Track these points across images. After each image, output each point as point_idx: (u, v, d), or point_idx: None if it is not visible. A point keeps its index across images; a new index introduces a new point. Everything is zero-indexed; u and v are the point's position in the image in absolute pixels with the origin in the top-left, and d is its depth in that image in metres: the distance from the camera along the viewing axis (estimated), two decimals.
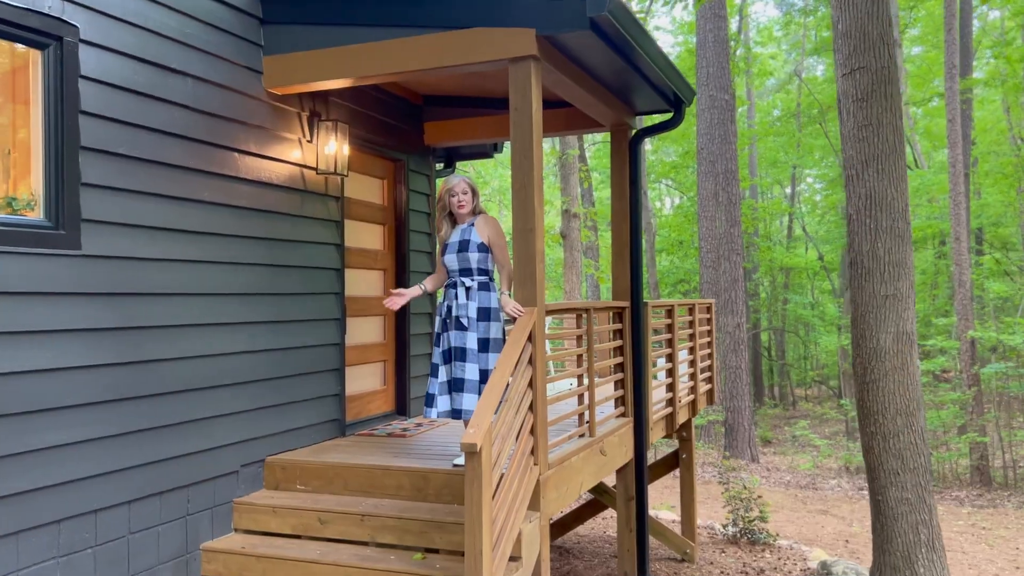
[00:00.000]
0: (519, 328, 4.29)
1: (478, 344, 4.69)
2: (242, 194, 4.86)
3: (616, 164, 6.28)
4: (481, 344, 4.70)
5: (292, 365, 5.25)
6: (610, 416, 5.82)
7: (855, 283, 5.67)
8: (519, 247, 4.45)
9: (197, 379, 4.51)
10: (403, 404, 6.61)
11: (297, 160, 5.34)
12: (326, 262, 5.58)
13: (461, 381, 4.65)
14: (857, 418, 5.87)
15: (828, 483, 15.87)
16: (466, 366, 4.65)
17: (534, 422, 4.40)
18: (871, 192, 5.50)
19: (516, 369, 4.18)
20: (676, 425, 7.19)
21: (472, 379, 4.64)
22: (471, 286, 4.74)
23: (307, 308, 5.39)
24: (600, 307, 5.60)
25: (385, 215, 6.56)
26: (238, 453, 4.81)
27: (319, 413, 5.51)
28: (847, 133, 5.66)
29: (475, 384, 4.65)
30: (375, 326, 6.42)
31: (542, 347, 4.48)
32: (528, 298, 4.43)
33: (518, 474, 4.16)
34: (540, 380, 4.45)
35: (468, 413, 4.62)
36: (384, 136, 6.36)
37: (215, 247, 4.65)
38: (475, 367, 4.66)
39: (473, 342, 4.68)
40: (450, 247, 4.83)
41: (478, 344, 4.69)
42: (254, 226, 4.95)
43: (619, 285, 6.28)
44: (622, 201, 6.24)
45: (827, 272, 30.39)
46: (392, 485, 4.69)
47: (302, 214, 5.36)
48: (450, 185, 4.83)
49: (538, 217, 4.45)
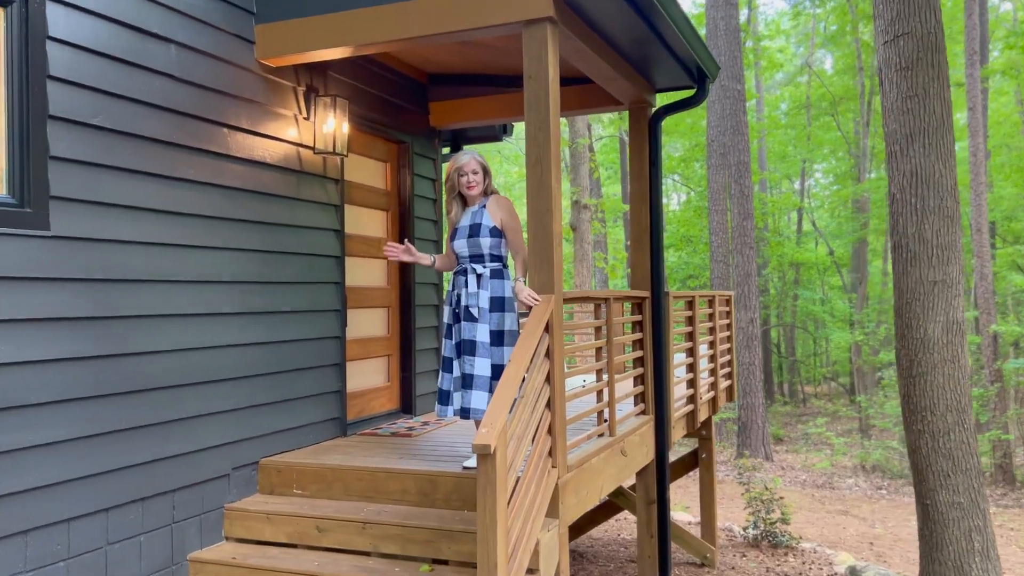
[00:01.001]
0: (535, 318, 3.89)
1: (491, 337, 4.31)
2: (233, 173, 4.47)
3: (635, 144, 5.88)
4: (494, 337, 4.31)
5: (288, 359, 4.86)
6: (630, 414, 5.43)
7: (899, 268, 5.24)
8: (534, 229, 4.05)
9: (184, 374, 4.13)
10: (408, 402, 6.22)
11: (293, 139, 4.95)
12: (325, 249, 5.19)
13: (470, 377, 4.25)
14: (902, 415, 5.44)
15: (845, 482, 15.46)
16: (476, 360, 4.25)
17: (552, 421, 4.01)
18: (917, 169, 5.07)
19: (532, 363, 3.78)
20: (697, 423, 6.79)
21: (482, 375, 4.24)
22: (483, 273, 4.35)
23: (304, 298, 5.00)
24: (620, 296, 5.20)
25: (388, 200, 6.17)
26: (229, 455, 4.43)
27: (318, 411, 5.12)
28: (889, 105, 5.23)
29: (485, 381, 4.25)
30: (378, 319, 6.03)
31: (560, 338, 4.09)
32: (545, 285, 4.03)
33: (535, 478, 3.77)
34: (558, 375, 4.05)
35: (478, 412, 4.22)
36: (387, 115, 5.97)
37: (203, 230, 4.27)
38: (486, 362, 4.26)
39: (484, 334, 4.29)
40: (460, 231, 4.44)
41: (491, 337, 4.31)
42: (246, 208, 4.56)
43: (638, 274, 5.87)
44: (641, 183, 5.83)
45: (838, 268, 29.94)
46: (396, 489, 4.30)
47: (298, 197, 4.97)
48: (459, 164, 4.43)
49: (555, 196, 4.05)
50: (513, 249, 4.41)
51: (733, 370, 8.56)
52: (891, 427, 18.98)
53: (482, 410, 4.22)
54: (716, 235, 17.32)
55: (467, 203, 4.51)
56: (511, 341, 4.31)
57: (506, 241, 4.41)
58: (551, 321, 3.99)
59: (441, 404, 4.42)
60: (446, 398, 4.41)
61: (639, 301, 5.69)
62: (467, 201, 4.51)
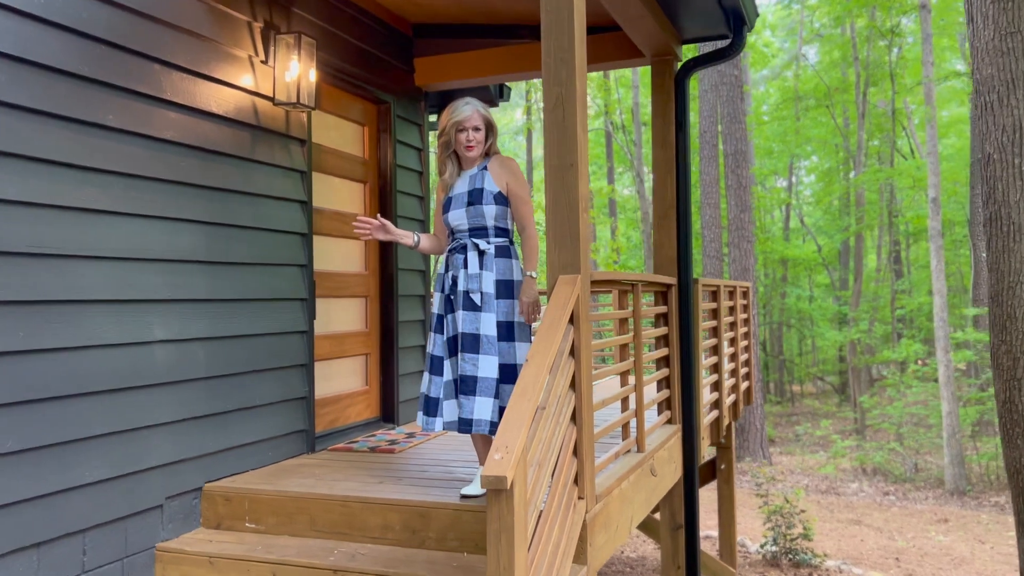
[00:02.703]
0: (557, 305, 2.98)
1: (498, 330, 3.39)
2: (167, 123, 3.52)
3: (658, 104, 4.98)
4: (502, 330, 3.40)
5: (241, 359, 3.92)
6: (656, 425, 4.52)
7: (998, 245, 4.34)
8: (554, 191, 3.13)
9: (103, 377, 3.18)
10: (390, 409, 5.28)
11: (247, 86, 4.01)
12: (287, 224, 4.25)
13: (472, 380, 3.33)
14: (999, 425, 4.52)
15: (849, 487, 14.68)
16: (479, 359, 3.33)
17: (578, 438, 3.10)
18: (1020, 123, 4.18)
19: (555, 363, 2.87)
20: (723, 432, 5.91)
21: (488, 377, 3.33)
22: (486, 250, 3.43)
23: (261, 283, 4.06)
24: (650, 281, 4.30)
25: (366, 171, 5.22)
26: (162, 480, 3.48)
27: (278, 423, 4.18)
28: (983, 46, 4.34)
29: (491, 384, 3.33)
30: (354, 310, 5.09)
31: (588, 332, 3.17)
32: (568, 262, 3.12)
33: (559, 513, 2.86)
34: (585, 379, 3.14)
35: (482, 425, 3.31)
36: (365, 69, 5.02)
37: (125, 193, 3.31)
38: (492, 361, 3.34)
39: (490, 326, 3.36)
40: (455, 200, 3.50)
41: (498, 330, 3.39)
42: (185, 168, 3.61)
43: (662, 256, 4.97)
44: (665, 150, 4.93)
45: (826, 266, 29.28)
46: (376, 525, 3.37)
47: (254, 158, 4.02)
48: (458, 116, 3.46)
49: (581, 148, 3.14)
50: (521, 224, 3.49)
51: (751, 370, 7.69)
52: (895, 429, 18.25)
53: (487, 421, 3.31)
54: (709, 229, 16.52)
55: (463, 165, 3.59)
56: (524, 335, 3.42)
57: (512, 212, 3.50)
58: (577, 310, 3.08)
59: (426, 414, 3.47)
60: (433, 407, 3.46)
61: (663, 289, 4.80)
62: (463, 163, 3.58)
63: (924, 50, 13.51)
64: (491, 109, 6.11)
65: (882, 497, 13.69)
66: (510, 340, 3.38)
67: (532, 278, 3.37)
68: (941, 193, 17.05)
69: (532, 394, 2.62)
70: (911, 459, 17.22)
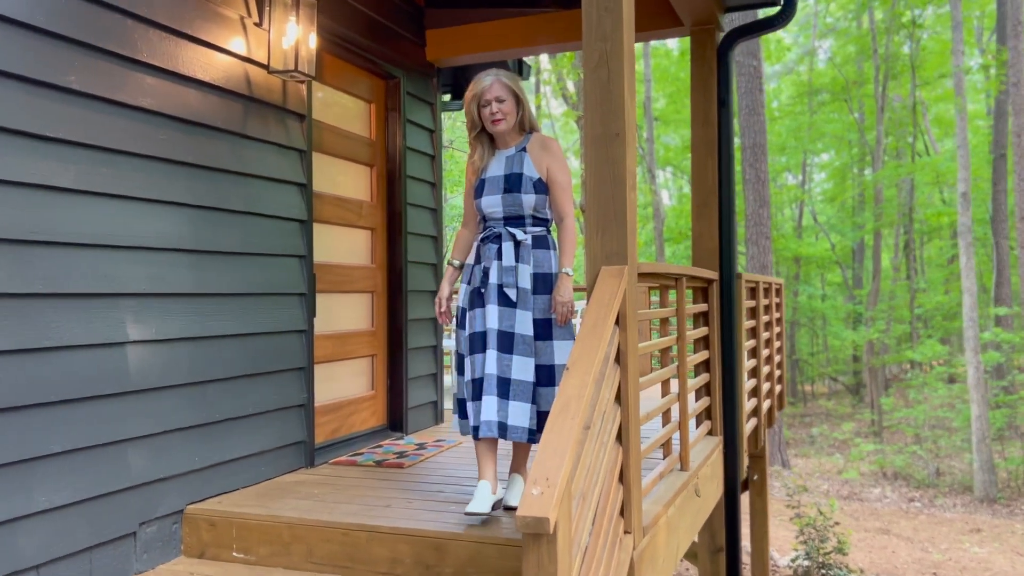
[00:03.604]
0: (600, 301, 2.49)
1: (535, 328, 2.97)
2: (143, 89, 3.03)
3: (698, 79, 4.48)
4: (540, 328, 2.98)
5: (231, 362, 3.43)
6: (699, 437, 4.02)
7: None
8: (596, 167, 2.64)
9: (66, 384, 2.70)
10: (398, 416, 4.79)
11: (238, 51, 3.52)
12: (284, 209, 3.77)
13: (506, 383, 2.91)
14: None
15: (871, 492, 14.15)
16: (514, 361, 2.91)
17: (624, 461, 2.60)
18: None
19: (600, 372, 2.38)
20: (760, 442, 5.42)
21: (523, 380, 2.91)
22: (523, 240, 3.02)
23: (254, 275, 3.57)
24: (694, 275, 3.80)
25: (373, 153, 4.73)
26: (137, 502, 2.99)
27: (273, 434, 3.69)
28: None
29: (527, 389, 2.92)
30: (359, 307, 4.61)
31: (634, 335, 2.68)
32: (614, 250, 2.63)
33: (604, 553, 2.37)
34: (632, 390, 2.65)
35: (519, 432, 2.90)
36: (372, 39, 4.53)
37: (98, 169, 2.83)
38: (528, 364, 2.92)
39: (527, 324, 2.95)
40: (489, 183, 3.09)
41: (535, 328, 2.97)
42: (165, 142, 3.12)
43: (702, 248, 4.47)
44: (706, 129, 4.44)
45: (839, 264, 28.72)
46: (383, 558, 2.88)
47: (245, 133, 3.54)
48: (479, 88, 3.06)
49: (629, 113, 2.64)
50: (558, 212, 3.07)
51: (783, 373, 7.19)
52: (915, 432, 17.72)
53: (523, 428, 2.91)
54: None
55: (496, 144, 3.15)
56: (565, 333, 2.99)
57: (551, 200, 3.07)
58: (623, 308, 2.58)
59: (464, 417, 3.15)
60: (465, 409, 3.12)
61: (704, 285, 4.30)
62: (497, 141, 3.14)
63: (954, 38, 12.98)
64: None
65: (907, 504, 13.16)
66: (548, 339, 2.98)
67: (568, 275, 2.94)
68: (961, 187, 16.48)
69: (576, 411, 2.14)
70: (932, 463, 16.68)
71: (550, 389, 2.96)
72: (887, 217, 24.25)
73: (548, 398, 2.94)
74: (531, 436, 2.93)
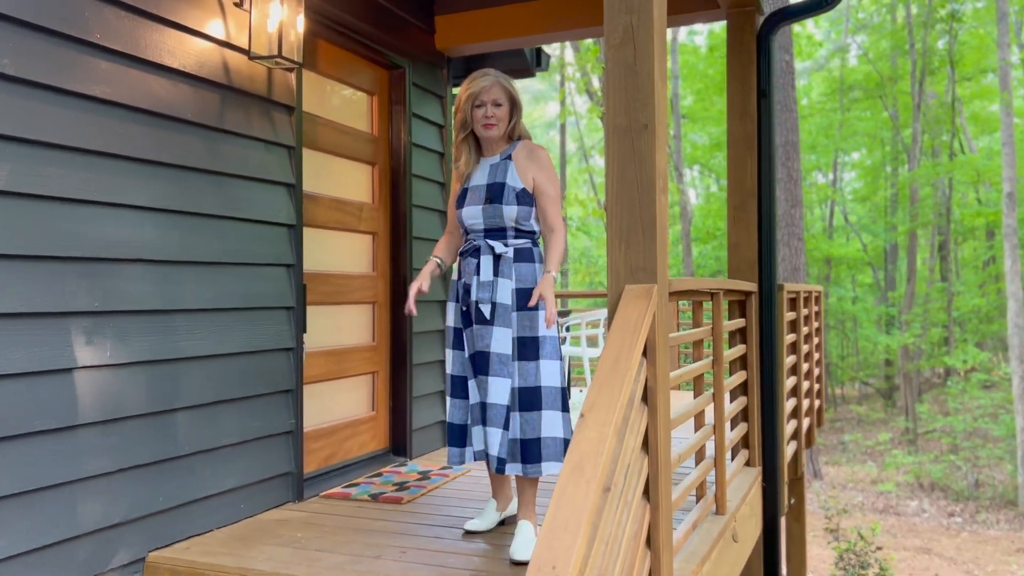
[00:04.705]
0: (624, 327, 2.04)
1: (519, 347, 2.75)
2: (97, 75, 2.63)
3: (735, 67, 4.01)
4: (524, 347, 2.73)
5: (202, 386, 3.02)
6: (735, 471, 3.56)
7: None
8: (620, 162, 2.20)
9: (3, 419, 2.31)
10: (401, 439, 4.37)
11: (215, 35, 3.11)
12: (269, 212, 3.35)
13: (483, 409, 2.79)
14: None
15: (908, 505, 13.54)
16: (490, 383, 2.72)
17: (652, 520, 2.15)
18: None
19: (624, 418, 1.94)
20: (801, 467, 4.94)
21: (497, 404, 2.71)
22: (504, 254, 2.79)
23: (232, 288, 3.16)
24: (731, 288, 3.33)
25: (375, 150, 4.31)
26: (89, 551, 2.59)
27: (254, 466, 3.28)
28: None
29: (501, 412, 2.71)
30: (358, 320, 4.19)
31: (664, 366, 2.23)
32: (640, 264, 2.18)
33: None
34: (662, 434, 2.20)
35: (499, 463, 2.73)
36: (373, 23, 4.11)
37: (40, 168, 2.43)
38: (503, 385, 2.72)
39: (504, 344, 2.73)
40: (472, 193, 2.89)
41: (519, 347, 2.75)
42: (125, 137, 2.72)
43: (739, 256, 4.01)
44: (744, 123, 3.97)
45: (871, 265, 27.95)
46: None
47: (223, 127, 3.13)
48: (475, 87, 2.86)
49: (659, 101, 2.19)
50: (546, 221, 2.82)
51: (823, 387, 6.69)
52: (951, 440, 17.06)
53: (493, 457, 2.74)
54: None
55: (483, 150, 2.95)
56: (549, 353, 2.74)
57: (537, 210, 2.83)
58: (652, 336, 2.13)
59: (453, 445, 2.91)
60: (459, 436, 2.91)
61: (741, 298, 3.83)
62: (483, 147, 2.95)
63: (999, 31, 12.34)
64: (529, 79, 5.18)
65: (947, 519, 12.54)
66: (533, 359, 2.72)
67: (552, 278, 2.69)
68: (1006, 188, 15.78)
69: (593, 472, 1.69)
70: (971, 474, 16.02)
71: (534, 414, 2.71)
72: (922, 217, 23.48)
73: (533, 424, 2.71)
74: (500, 466, 2.73)
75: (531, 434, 2.71)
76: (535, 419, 2.71)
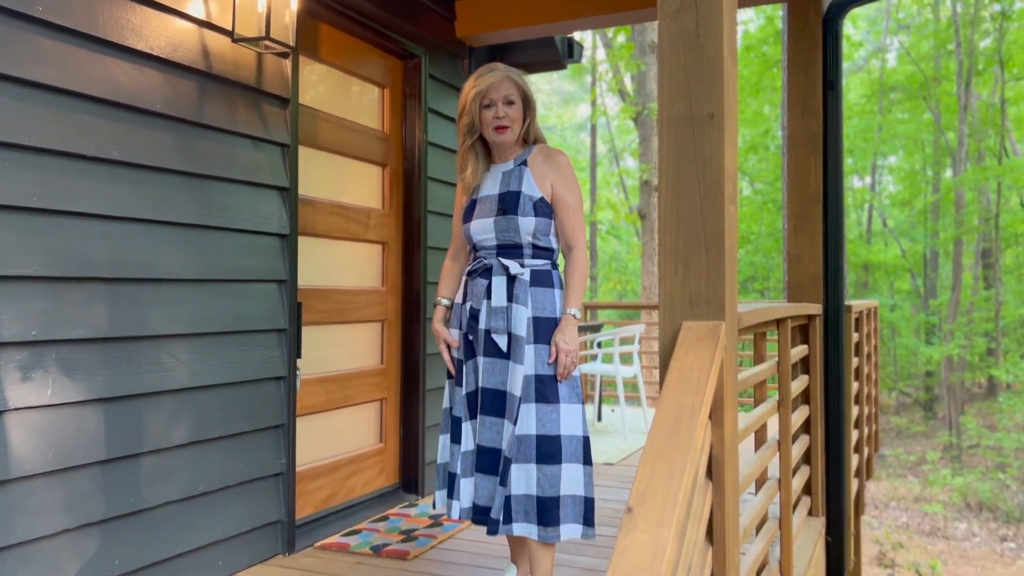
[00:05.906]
0: (682, 382, 1.54)
1: (536, 386, 2.30)
2: (40, 57, 2.18)
3: (797, 56, 3.49)
4: (543, 387, 2.31)
5: (174, 426, 2.57)
6: (799, 528, 3.03)
7: None
8: (676, 163, 1.70)
9: None
10: (413, 473, 3.90)
11: (191, 12, 2.66)
12: (257, 220, 2.90)
13: (491, 455, 2.35)
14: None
15: (957, 528, 12.82)
16: (504, 427, 2.34)
17: None
18: None
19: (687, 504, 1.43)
20: (863, 507, 4.38)
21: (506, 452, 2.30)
22: (520, 275, 2.37)
23: (211, 309, 2.71)
24: (796, 315, 2.82)
25: (385, 150, 3.85)
26: None
27: (236, 515, 2.82)
28: None
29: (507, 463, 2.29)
30: (365, 340, 3.72)
31: (733, 430, 1.72)
32: (703, 295, 1.68)
33: None
34: (729, 520, 1.69)
35: (498, 527, 2.29)
36: (384, 6, 3.64)
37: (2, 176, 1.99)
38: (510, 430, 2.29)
39: (520, 382, 2.30)
40: (481, 204, 2.48)
41: (536, 386, 2.30)
42: (81, 132, 2.28)
43: (800, 271, 3.48)
44: (807, 120, 3.44)
45: (911, 272, 27.06)
46: None
47: (201, 120, 2.67)
48: (482, 86, 2.43)
49: (729, 85, 1.69)
50: (566, 240, 2.44)
51: (877, 410, 6.11)
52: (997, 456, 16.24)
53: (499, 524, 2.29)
54: None
55: (493, 156, 2.52)
56: (573, 396, 2.34)
57: (557, 224, 2.45)
58: (720, 390, 1.63)
59: (443, 489, 2.53)
60: (451, 483, 2.50)
61: (803, 322, 3.31)
62: (493, 153, 2.52)
63: None
64: (560, 72, 4.70)
65: (1000, 544, 11.83)
66: (553, 402, 2.29)
67: (574, 318, 2.35)
68: None
69: None
70: (1021, 493, 15.22)
71: (555, 468, 2.28)
72: (968, 223, 22.62)
73: (553, 480, 2.28)
74: (493, 527, 2.30)
75: (550, 491, 2.26)
76: (555, 474, 2.27)
